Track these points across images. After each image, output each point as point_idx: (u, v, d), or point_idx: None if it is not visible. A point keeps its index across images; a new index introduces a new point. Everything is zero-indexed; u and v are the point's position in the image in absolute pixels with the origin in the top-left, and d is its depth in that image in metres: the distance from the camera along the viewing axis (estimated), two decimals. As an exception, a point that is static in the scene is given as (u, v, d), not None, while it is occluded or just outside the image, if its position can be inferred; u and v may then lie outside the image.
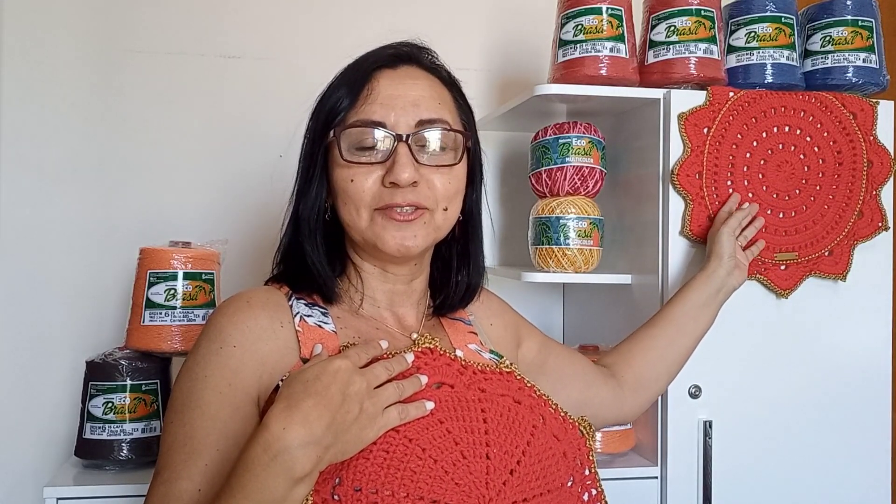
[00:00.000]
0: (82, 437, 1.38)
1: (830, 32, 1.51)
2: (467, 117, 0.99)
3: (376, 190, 0.90)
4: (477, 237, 1.04)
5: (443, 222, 0.94)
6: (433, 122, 0.91)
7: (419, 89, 0.93)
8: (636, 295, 1.53)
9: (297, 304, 0.93)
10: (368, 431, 0.79)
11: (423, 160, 0.91)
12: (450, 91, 0.98)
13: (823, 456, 1.46)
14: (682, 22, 1.45)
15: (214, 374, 0.84)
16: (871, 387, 1.49)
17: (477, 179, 1.01)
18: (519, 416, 0.90)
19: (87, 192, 1.74)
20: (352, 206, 0.92)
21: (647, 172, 1.50)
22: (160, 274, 1.41)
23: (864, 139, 1.46)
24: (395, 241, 0.91)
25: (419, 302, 1.03)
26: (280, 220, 1.01)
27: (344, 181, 0.91)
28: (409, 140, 0.90)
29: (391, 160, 0.89)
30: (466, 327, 1.06)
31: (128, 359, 1.39)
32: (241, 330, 0.87)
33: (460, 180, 0.95)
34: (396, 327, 0.99)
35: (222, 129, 1.80)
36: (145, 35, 1.78)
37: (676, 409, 1.41)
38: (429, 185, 0.91)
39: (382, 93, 0.91)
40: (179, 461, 0.81)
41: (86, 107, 1.75)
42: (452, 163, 0.93)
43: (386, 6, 1.86)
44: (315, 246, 0.95)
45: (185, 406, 0.84)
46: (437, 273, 1.05)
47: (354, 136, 0.91)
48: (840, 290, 1.48)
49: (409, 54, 0.96)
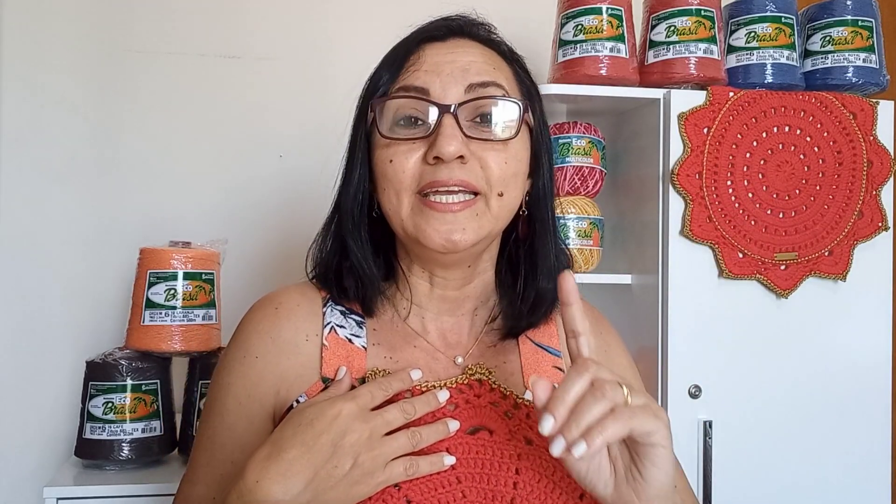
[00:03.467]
0: (82, 437, 1.38)
1: (830, 32, 1.51)
2: (530, 95, 0.84)
3: (418, 169, 0.77)
4: (546, 234, 0.86)
5: (499, 210, 0.79)
6: (486, 85, 0.78)
7: (471, 56, 0.80)
8: (636, 295, 1.53)
9: (332, 312, 0.84)
10: (362, 487, 0.69)
11: (473, 134, 0.77)
12: (510, 65, 0.84)
13: (823, 456, 1.46)
14: (682, 22, 1.45)
15: (236, 382, 0.82)
16: (871, 386, 1.48)
17: (544, 166, 0.85)
18: (562, 484, 0.71)
19: (87, 192, 1.74)
20: (391, 190, 0.78)
21: (647, 172, 1.50)
22: (160, 274, 1.41)
23: (864, 139, 1.46)
24: (439, 235, 0.76)
25: (474, 314, 0.87)
26: (280, 219, 0.99)
27: (383, 163, 0.79)
28: (455, 111, 0.76)
29: (435, 133, 0.76)
30: (552, 359, 0.87)
31: (128, 359, 1.39)
32: (265, 341, 0.82)
33: (520, 161, 0.80)
34: (441, 345, 0.85)
35: (222, 129, 1.80)
36: (145, 35, 1.78)
37: (676, 409, 1.41)
38: (481, 164, 0.77)
39: (428, 60, 0.80)
40: (201, 464, 0.82)
41: (86, 107, 1.75)
42: (509, 137, 0.78)
43: (386, 6, 1.86)
44: (359, 242, 0.83)
45: (211, 410, 0.83)
46: (506, 279, 0.89)
47: (395, 109, 0.79)
48: (840, 290, 1.48)
49: (462, 27, 0.83)
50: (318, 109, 1.79)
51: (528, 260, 0.86)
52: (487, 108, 0.78)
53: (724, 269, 1.42)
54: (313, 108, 1.80)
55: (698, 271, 1.43)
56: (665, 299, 1.42)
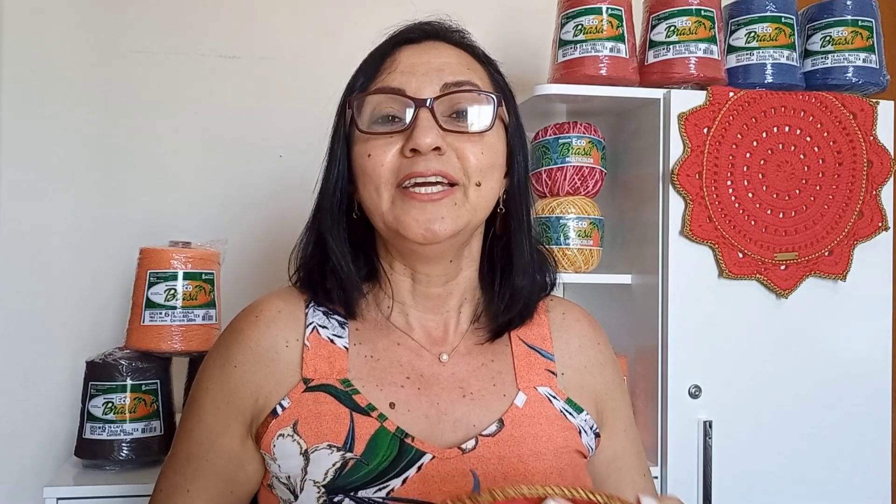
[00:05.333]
0: (82, 437, 1.38)
1: (830, 32, 1.51)
2: (504, 95, 0.86)
3: (396, 162, 0.79)
4: (521, 231, 0.87)
5: (477, 200, 0.80)
6: (460, 85, 0.80)
7: (445, 56, 0.82)
8: (636, 295, 1.53)
9: (315, 313, 0.85)
10: None
11: (449, 127, 0.79)
12: (484, 67, 0.86)
13: (823, 456, 1.46)
14: (682, 22, 1.45)
15: (214, 388, 0.84)
16: (871, 386, 1.49)
17: (519, 163, 0.86)
18: None
19: (87, 191, 1.74)
20: (371, 185, 0.80)
21: (647, 172, 1.50)
22: (160, 274, 1.41)
23: (864, 139, 1.46)
24: (418, 224, 0.77)
25: (459, 311, 0.88)
26: (280, 220, 0.99)
27: (362, 158, 0.80)
28: (431, 105, 0.78)
29: (411, 127, 0.78)
30: (545, 362, 0.87)
31: (128, 359, 1.39)
32: (244, 350, 0.83)
33: (496, 153, 0.82)
34: (426, 342, 0.85)
35: (222, 129, 1.79)
36: (145, 35, 1.77)
37: (676, 409, 1.41)
38: (458, 155, 0.79)
39: (404, 62, 0.81)
40: (181, 459, 0.85)
41: (86, 107, 1.75)
42: (484, 129, 0.80)
43: (386, 7, 1.86)
44: (339, 240, 0.84)
45: (191, 407, 0.86)
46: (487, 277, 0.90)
47: (371, 105, 0.81)
48: (840, 290, 1.48)
49: (437, 31, 0.86)
50: (318, 109, 1.77)
51: (504, 257, 0.88)
52: (462, 104, 0.80)
53: (724, 269, 1.42)
54: (313, 107, 1.78)
55: (698, 271, 1.43)
56: (665, 299, 1.42)
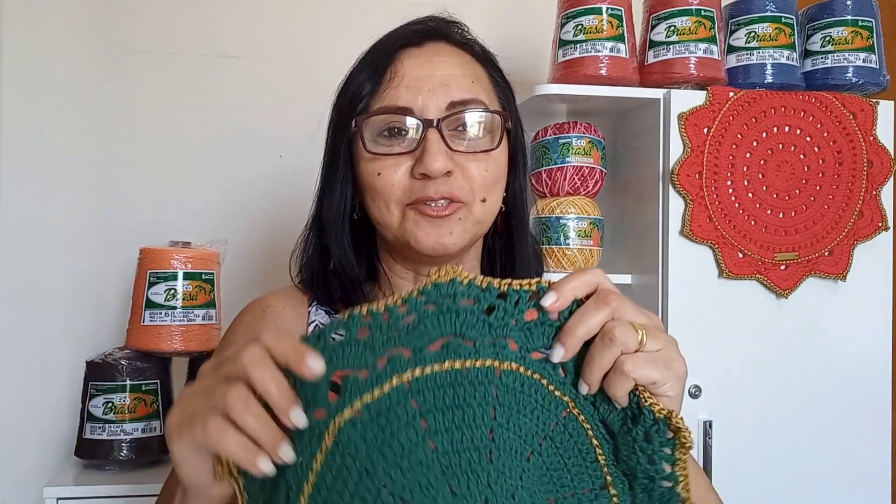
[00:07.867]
0: (82, 437, 1.38)
1: (830, 32, 1.51)
2: (505, 96, 0.88)
3: (406, 183, 0.80)
4: (522, 229, 0.90)
5: (482, 215, 0.83)
6: (466, 104, 0.81)
7: (449, 67, 0.83)
8: (636, 295, 1.53)
9: (317, 311, 0.87)
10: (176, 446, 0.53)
11: (456, 146, 0.80)
12: (484, 67, 0.87)
13: (823, 456, 1.46)
14: (682, 22, 1.45)
15: None
16: (871, 386, 1.49)
17: (519, 165, 0.89)
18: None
19: (87, 191, 1.74)
20: (381, 202, 0.82)
21: (647, 172, 1.50)
22: (160, 274, 1.41)
23: (864, 139, 1.46)
24: (430, 238, 0.80)
25: None
26: (280, 219, 0.99)
27: (370, 175, 0.82)
28: (439, 125, 0.79)
29: (420, 149, 0.79)
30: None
31: (128, 359, 1.39)
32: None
33: (500, 167, 0.84)
34: None
35: (222, 129, 1.79)
36: (145, 35, 1.77)
37: (676, 409, 1.41)
38: (464, 175, 0.81)
39: (408, 75, 0.82)
40: None
41: (86, 107, 1.75)
42: (490, 148, 0.82)
43: (385, 7, 1.86)
44: (342, 248, 0.86)
45: None
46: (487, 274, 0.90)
47: (378, 124, 0.82)
48: (840, 290, 1.48)
49: (437, 30, 0.86)
50: (318, 109, 1.77)
51: (505, 254, 0.91)
52: (470, 125, 0.82)
53: (724, 269, 1.42)
54: (313, 107, 1.78)
55: (698, 271, 1.43)
56: (665, 299, 1.42)
